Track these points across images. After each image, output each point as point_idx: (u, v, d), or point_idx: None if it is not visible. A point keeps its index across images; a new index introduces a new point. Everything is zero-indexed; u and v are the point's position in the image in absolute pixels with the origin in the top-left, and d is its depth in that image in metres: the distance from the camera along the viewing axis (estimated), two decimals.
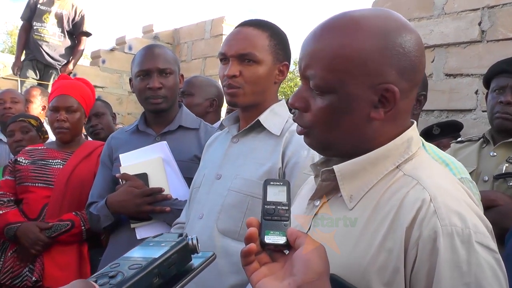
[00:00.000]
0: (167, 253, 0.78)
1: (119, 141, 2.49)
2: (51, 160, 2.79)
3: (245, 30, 1.85)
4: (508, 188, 2.46)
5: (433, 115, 3.89)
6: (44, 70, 6.01)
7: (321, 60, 1.05)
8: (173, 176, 2.27)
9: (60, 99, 2.80)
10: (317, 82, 1.05)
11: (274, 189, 0.97)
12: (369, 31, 1.02)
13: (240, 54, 1.79)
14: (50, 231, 2.60)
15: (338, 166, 1.08)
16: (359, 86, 1.02)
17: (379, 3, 4.26)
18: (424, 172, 1.03)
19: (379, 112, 1.03)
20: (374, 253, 0.97)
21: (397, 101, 1.02)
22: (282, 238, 0.91)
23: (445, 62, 3.85)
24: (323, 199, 1.13)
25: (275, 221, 0.93)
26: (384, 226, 0.98)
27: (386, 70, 1.01)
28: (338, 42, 1.03)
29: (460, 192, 1.02)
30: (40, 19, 5.94)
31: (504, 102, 2.56)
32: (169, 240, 0.83)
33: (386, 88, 1.01)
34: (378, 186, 1.05)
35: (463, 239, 0.91)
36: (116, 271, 0.73)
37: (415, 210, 0.95)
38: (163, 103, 2.35)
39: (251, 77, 1.80)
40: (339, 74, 1.02)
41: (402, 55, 1.02)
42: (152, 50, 2.41)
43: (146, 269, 0.74)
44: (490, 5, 3.61)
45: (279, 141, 1.79)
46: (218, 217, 1.75)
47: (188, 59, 7.45)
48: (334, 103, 1.04)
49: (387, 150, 1.06)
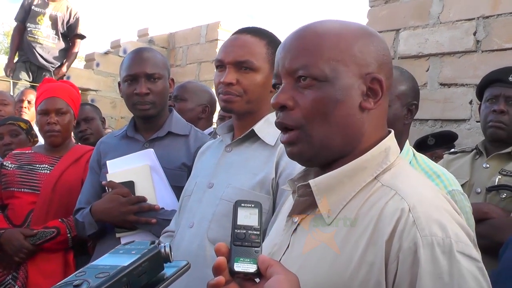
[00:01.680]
0: (137, 261, 0.75)
1: (107, 146, 2.45)
2: (38, 165, 2.74)
3: (243, 37, 1.81)
4: (501, 201, 2.44)
5: (427, 124, 3.87)
6: (37, 72, 5.96)
7: (313, 50, 1.06)
8: (160, 185, 2.23)
9: (49, 102, 2.75)
10: (312, 72, 1.04)
11: (245, 212, 0.92)
12: (352, 27, 1.10)
13: (237, 61, 1.76)
14: (35, 238, 2.54)
15: (314, 181, 1.05)
16: (350, 75, 1.05)
17: (375, 11, 4.25)
18: (403, 182, 1.01)
19: (369, 102, 1.06)
20: (355, 267, 0.94)
21: (384, 92, 1.06)
22: (252, 266, 0.86)
23: (440, 72, 3.83)
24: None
25: (246, 247, 0.88)
26: (364, 239, 0.95)
27: (371, 61, 1.07)
28: (328, 36, 1.07)
29: (440, 200, 1.00)
30: (34, 20, 5.90)
31: (497, 111, 2.54)
32: (140, 247, 0.79)
33: (374, 77, 1.06)
34: (356, 199, 1.02)
35: (444, 249, 0.89)
36: (81, 280, 0.69)
37: (394, 221, 0.93)
38: (151, 109, 2.31)
39: (248, 85, 1.76)
40: (333, 63, 1.04)
41: (382, 51, 1.09)
42: (140, 54, 2.36)
43: (114, 278, 0.70)
44: (485, 15, 3.60)
45: (273, 152, 1.76)
46: (209, 226, 1.73)
47: (183, 64, 7.42)
48: (327, 92, 1.04)
49: (364, 161, 1.04)
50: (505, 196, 2.43)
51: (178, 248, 1.77)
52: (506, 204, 2.41)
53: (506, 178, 2.47)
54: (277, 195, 1.71)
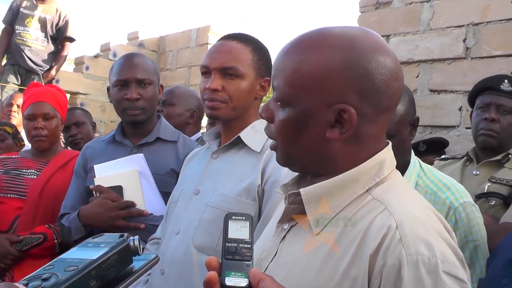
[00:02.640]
0: (106, 255, 0.74)
1: (94, 151, 2.43)
2: (25, 170, 2.70)
3: (229, 43, 1.81)
4: (490, 208, 2.44)
5: (417, 130, 3.87)
6: (26, 75, 5.89)
7: (283, 72, 1.04)
8: (149, 190, 2.21)
9: (36, 106, 2.71)
10: (277, 94, 1.05)
11: (236, 225, 0.91)
12: (333, 49, 1.00)
13: (223, 67, 1.76)
14: (21, 244, 2.50)
15: (305, 190, 1.04)
16: (315, 104, 1.00)
17: (365, 17, 4.26)
18: (394, 197, 0.99)
19: (334, 132, 1.00)
20: (338, 281, 0.93)
21: (353, 124, 0.98)
22: (244, 280, 0.85)
23: (429, 78, 3.84)
24: (291, 222, 1.09)
25: (237, 261, 0.86)
26: (349, 253, 0.94)
27: (345, 90, 0.98)
28: (300, 57, 1.02)
29: (430, 219, 0.98)
30: (23, 23, 5.84)
31: (488, 119, 2.55)
32: (109, 241, 0.79)
33: (342, 108, 0.98)
34: (346, 211, 1.01)
35: (429, 269, 0.88)
36: (50, 273, 0.69)
37: (380, 237, 0.91)
38: (141, 115, 2.29)
39: (233, 92, 1.76)
40: (297, 89, 1.01)
41: (365, 77, 0.98)
42: (131, 59, 2.35)
43: (83, 272, 0.70)
44: (474, 22, 3.62)
45: (259, 158, 1.76)
46: (195, 233, 1.72)
47: (173, 68, 7.40)
48: (292, 117, 1.03)
49: (357, 173, 1.02)
50: (494, 203, 2.43)
51: (164, 255, 1.76)
52: (495, 211, 2.41)
53: (495, 186, 2.48)
54: (263, 202, 1.71)
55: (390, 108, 1.05)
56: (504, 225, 2.28)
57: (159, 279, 1.78)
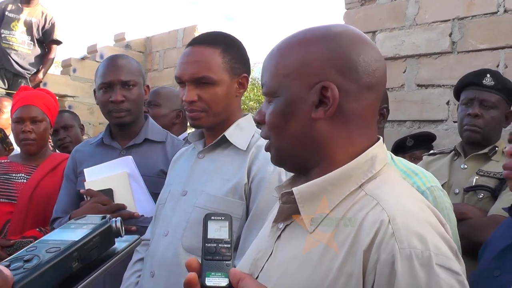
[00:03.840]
0: (88, 236, 0.74)
1: (83, 154, 2.42)
2: (15, 174, 2.69)
3: (197, 50, 1.80)
4: (478, 201, 2.47)
5: (405, 125, 3.90)
6: (13, 79, 5.83)
7: (269, 68, 1.10)
8: (139, 192, 2.21)
9: (24, 110, 2.70)
10: (265, 89, 1.11)
11: (215, 225, 0.92)
12: (310, 38, 1.07)
13: (194, 78, 1.76)
14: (12, 248, 2.48)
15: (297, 189, 1.04)
16: (298, 88, 1.05)
17: (351, 13, 4.27)
18: (386, 192, 1.00)
19: (319, 112, 1.03)
20: (333, 278, 0.93)
21: (335, 98, 1.01)
22: (224, 280, 0.85)
23: (416, 73, 3.86)
24: (286, 222, 1.09)
25: (217, 261, 0.87)
26: (344, 249, 0.94)
27: (325, 69, 1.03)
28: (283, 51, 1.09)
29: (423, 212, 0.98)
30: (9, 26, 5.78)
31: (472, 114, 2.59)
32: (91, 222, 0.79)
33: (322, 85, 1.02)
34: (340, 208, 1.01)
35: (423, 262, 0.88)
36: (32, 255, 0.69)
37: (373, 232, 0.92)
38: (126, 117, 2.29)
39: (210, 100, 1.76)
40: (280, 78, 1.07)
41: (342, 56, 1.03)
42: (115, 61, 2.34)
43: (65, 253, 0.69)
44: (460, 17, 3.64)
45: (245, 157, 1.76)
46: (183, 234, 1.73)
47: (160, 68, 7.38)
48: (279, 107, 1.07)
49: (350, 169, 1.03)
50: (482, 196, 2.46)
51: (153, 257, 1.77)
52: (483, 204, 2.44)
53: (483, 179, 2.50)
54: (250, 200, 1.71)
55: (373, 87, 1.06)
56: (493, 217, 2.31)
57: (149, 281, 1.78)
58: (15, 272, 0.64)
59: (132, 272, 1.93)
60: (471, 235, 2.18)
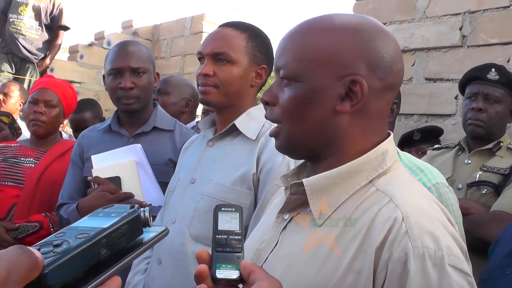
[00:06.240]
0: (117, 224, 0.73)
1: (90, 140, 2.41)
2: (23, 158, 2.70)
3: (224, 30, 1.82)
4: (481, 196, 2.47)
5: (413, 119, 3.88)
6: (20, 64, 5.86)
7: (292, 50, 1.05)
8: (147, 180, 2.21)
9: (40, 92, 2.74)
10: (286, 71, 1.04)
11: (226, 216, 0.90)
12: (341, 26, 1.03)
13: (214, 53, 1.77)
14: (17, 232, 2.51)
15: (308, 180, 1.03)
16: (325, 77, 1.01)
17: (360, 5, 4.24)
18: (398, 188, 0.99)
19: (345, 105, 1.00)
20: (341, 274, 0.92)
21: (364, 95, 0.99)
22: (235, 272, 0.84)
23: (425, 66, 3.84)
24: (293, 213, 1.08)
25: (227, 253, 0.86)
26: (354, 246, 0.93)
27: (356, 63, 1.00)
28: (309, 36, 1.04)
29: (435, 211, 0.98)
30: (17, 11, 5.79)
31: (475, 108, 2.58)
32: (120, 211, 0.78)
33: (353, 79, 0.99)
34: (349, 202, 1.00)
35: (435, 262, 0.88)
36: (61, 240, 0.67)
37: (386, 230, 0.91)
38: (135, 104, 2.28)
39: (224, 77, 1.77)
40: (307, 63, 1.02)
41: (374, 52, 1.01)
42: (125, 47, 2.33)
43: (94, 239, 0.69)
44: (471, 10, 3.60)
45: (254, 146, 1.76)
46: (191, 223, 1.73)
47: (167, 56, 7.36)
48: (301, 93, 1.02)
49: (360, 164, 1.02)
50: (485, 191, 2.46)
51: (161, 244, 1.77)
52: (486, 200, 2.44)
53: (486, 174, 2.50)
54: (258, 190, 1.71)
55: (395, 87, 1.06)
56: (495, 213, 2.31)
57: (157, 268, 1.79)
58: (45, 256, 0.64)
59: (142, 259, 1.93)
60: (473, 231, 2.18)
